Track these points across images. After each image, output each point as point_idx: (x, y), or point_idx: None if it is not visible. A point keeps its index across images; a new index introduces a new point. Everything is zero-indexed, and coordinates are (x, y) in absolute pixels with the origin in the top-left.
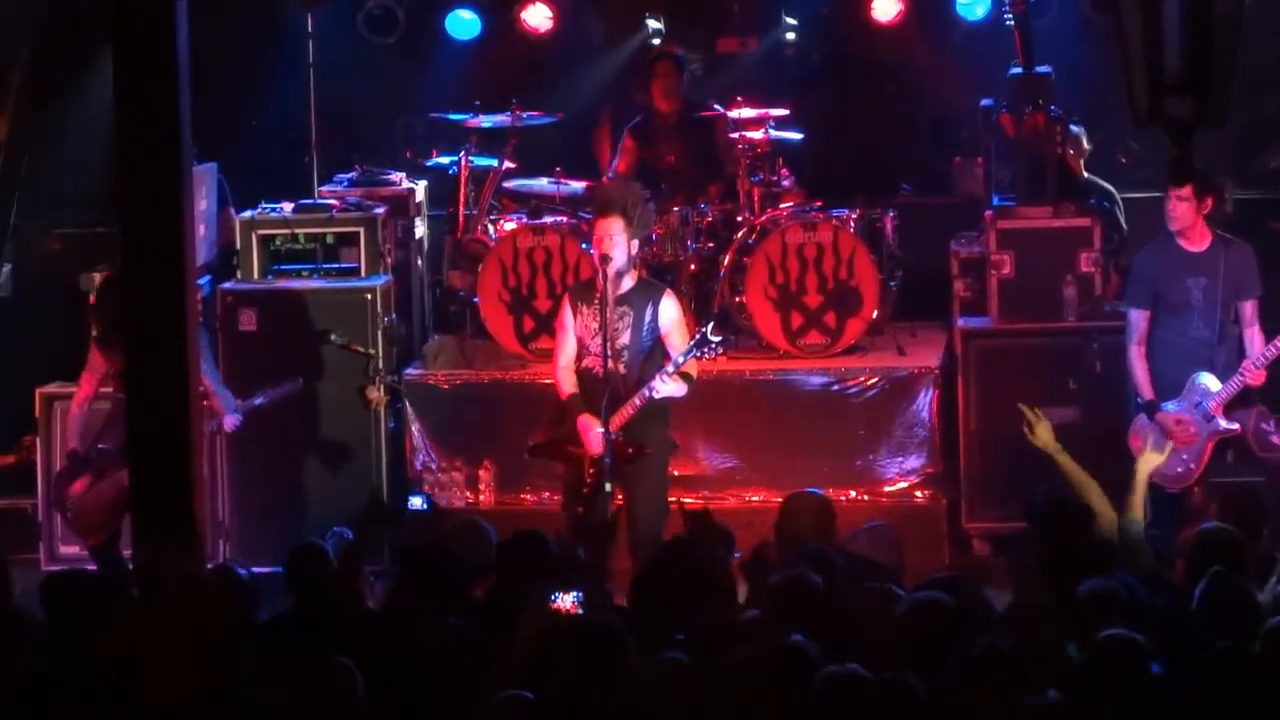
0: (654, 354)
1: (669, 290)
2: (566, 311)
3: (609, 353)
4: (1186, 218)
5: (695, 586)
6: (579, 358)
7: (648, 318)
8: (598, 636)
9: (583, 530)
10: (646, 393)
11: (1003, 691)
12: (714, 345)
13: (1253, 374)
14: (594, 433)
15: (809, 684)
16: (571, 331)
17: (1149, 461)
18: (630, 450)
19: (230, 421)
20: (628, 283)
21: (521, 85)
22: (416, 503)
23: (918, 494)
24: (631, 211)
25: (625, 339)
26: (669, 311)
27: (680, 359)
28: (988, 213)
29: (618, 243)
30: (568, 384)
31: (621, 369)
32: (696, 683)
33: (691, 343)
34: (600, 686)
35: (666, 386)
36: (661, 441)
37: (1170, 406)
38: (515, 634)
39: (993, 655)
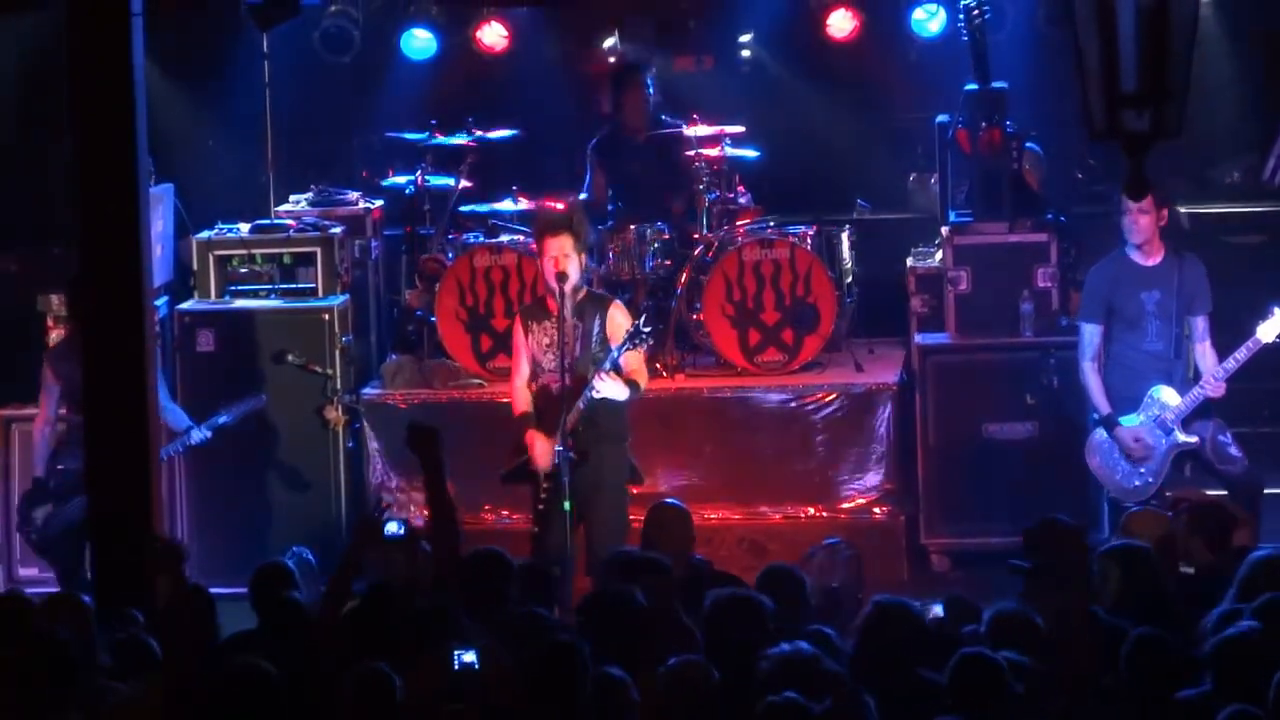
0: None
1: (616, 301)
2: (519, 332)
3: (564, 368)
4: (1148, 230)
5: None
6: (533, 376)
7: (596, 329)
8: (552, 654)
9: (542, 549)
10: (589, 394)
11: None
12: (645, 335)
13: (1213, 386)
14: (539, 446)
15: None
16: (524, 352)
17: None
18: (574, 456)
19: (198, 436)
20: (577, 297)
21: (477, 104)
22: (392, 528)
23: (876, 510)
24: (578, 227)
25: (576, 352)
26: (616, 320)
27: (615, 352)
28: (944, 228)
29: (571, 258)
30: (521, 402)
31: (575, 382)
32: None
33: (625, 337)
34: (554, 703)
35: (605, 385)
36: (620, 460)
37: (1128, 421)
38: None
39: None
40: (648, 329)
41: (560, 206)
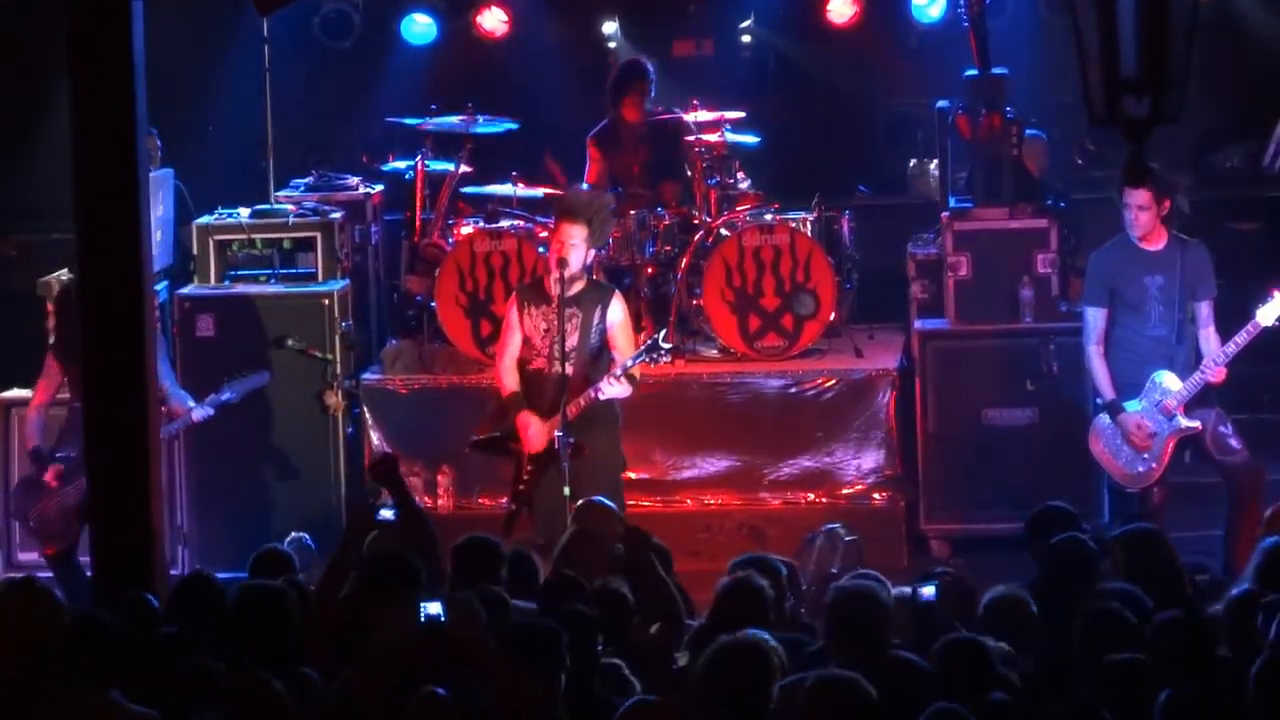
0: (601, 355)
1: (618, 293)
2: (513, 312)
3: (557, 354)
4: (1149, 225)
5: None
6: (527, 359)
7: (596, 319)
8: (529, 638)
9: (514, 527)
10: (593, 394)
11: None
12: (664, 351)
13: (1214, 371)
14: (533, 429)
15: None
16: (517, 331)
17: None
18: (569, 449)
19: (200, 413)
20: (577, 285)
21: (477, 89)
22: (387, 514)
23: (876, 495)
24: (596, 221)
25: (573, 340)
26: (616, 314)
27: (629, 362)
28: (944, 214)
29: (577, 248)
30: (510, 381)
31: (569, 370)
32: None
33: (643, 347)
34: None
35: (613, 388)
36: (614, 446)
37: (1131, 406)
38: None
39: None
40: (667, 345)
41: (591, 196)
